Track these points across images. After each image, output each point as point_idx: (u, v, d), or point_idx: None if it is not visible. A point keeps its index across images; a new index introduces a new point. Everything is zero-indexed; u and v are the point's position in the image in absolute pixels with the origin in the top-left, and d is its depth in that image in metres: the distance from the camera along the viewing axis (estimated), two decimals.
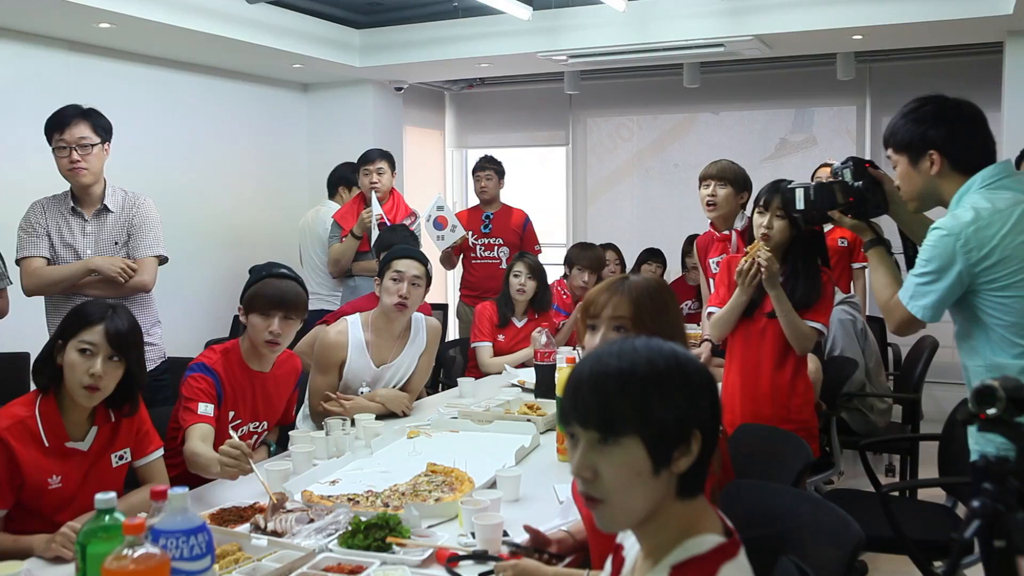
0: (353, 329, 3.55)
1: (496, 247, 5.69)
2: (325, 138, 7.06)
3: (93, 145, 3.54)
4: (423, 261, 3.61)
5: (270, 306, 2.95)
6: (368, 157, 5.22)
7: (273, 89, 6.87)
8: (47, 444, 2.35)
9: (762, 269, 3.04)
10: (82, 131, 3.52)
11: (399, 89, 7.22)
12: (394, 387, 3.61)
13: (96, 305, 2.48)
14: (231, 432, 2.92)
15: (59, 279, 3.53)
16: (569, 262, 5.30)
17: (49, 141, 3.56)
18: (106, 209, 3.62)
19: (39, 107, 3.86)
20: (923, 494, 3.62)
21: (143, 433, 2.57)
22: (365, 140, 6.44)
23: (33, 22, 4.93)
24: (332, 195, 5.75)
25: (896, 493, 3.59)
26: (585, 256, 5.25)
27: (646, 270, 6.30)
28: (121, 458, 2.51)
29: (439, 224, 5.39)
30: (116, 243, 3.61)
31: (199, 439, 2.74)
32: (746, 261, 3.11)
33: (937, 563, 2.93)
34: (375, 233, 4.92)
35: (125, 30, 5.06)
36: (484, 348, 4.68)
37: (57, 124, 3.53)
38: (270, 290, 2.97)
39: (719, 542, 1.35)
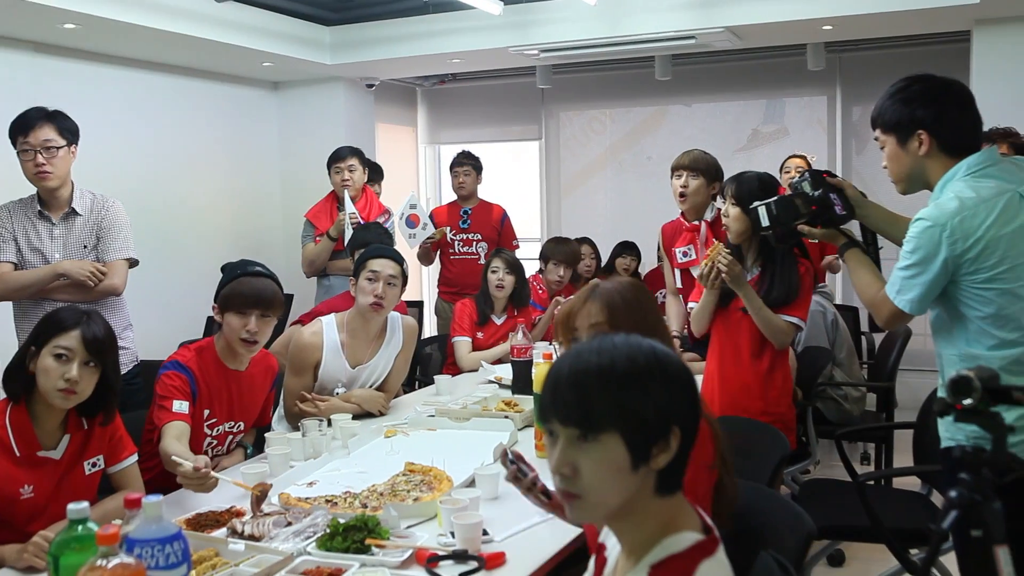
0: (328, 330, 3.53)
1: (474, 243, 5.67)
2: (296, 137, 7.02)
3: (59, 148, 3.48)
4: (399, 260, 3.58)
5: (247, 304, 2.91)
6: (339, 155, 5.19)
7: (243, 88, 6.81)
8: (18, 454, 2.32)
9: (722, 274, 3.06)
10: (47, 134, 3.46)
11: (370, 86, 7.18)
12: (370, 387, 3.59)
13: (70, 311, 2.45)
14: (206, 430, 2.89)
15: (27, 284, 3.48)
16: (544, 257, 5.29)
17: (14, 144, 3.51)
18: (74, 212, 3.57)
19: (4, 110, 3.80)
20: (898, 482, 3.65)
21: (116, 439, 2.54)
22: (337, 138, 6.41)
23: None
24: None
25: (871, 482, 3.62)
26: (560, 251, 5.25)
27: (620, 264, 6.31)
28: (94, 465, 2.48)
29: (411, 222, 5.37)
30: (85, 246, 3.56)
31: (174, 438, 2.71)
32: (706, 265, 3.13)
33: (913, 550, 2.96)
34: (349, 233, 4.90)
35: (91, 31, 4.99)
36: (462, 343, 4.67)
37: (21, 127, 3.47)
38: (246, 288, 2.94)
39: (697, 539, 1.35)
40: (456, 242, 5.69)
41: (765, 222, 2.84)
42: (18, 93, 4.95)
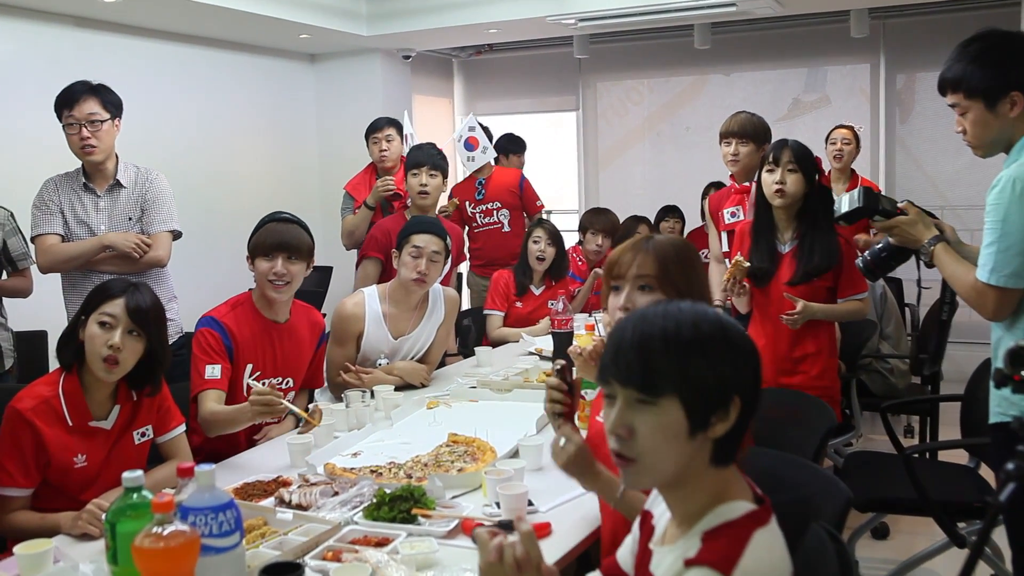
0: (370, 301, 3.54)
1: (495, 211, 5.56)
2: (333, 109, 7.02)
3: (103, 121, 3.52)
4: (442, 235, 3.57)
5: (272, 247, 2.99)
6: (376, 125, 5.17)
7: (280, 60, 6.82)
8: (71, 423, 2.36)
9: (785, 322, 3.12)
10: (92, 107, 3.50)
11: (407, 58, 7.15)
12: (412, 359, 3.60)
13: (119, 281, 2.50)
14: (253, 383, 2.90)
15: (73, 255, 3.52)
16: (583, 227, 5.26)
17: (59, 118, 3.54)
18: (119, 185, 3.60)
19: (47, 84, 3.84)
20: (943, 455, 3.61)
21: (164, 410, 2.57)
22: (374, 110, 6.39)
23: None
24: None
25: (915, 455, 3.58)
26: (599, 220, 5.21)
27: (665, 227, 6.26)
28: (143, 435, 2.51)
29: (470, 144, 5.32)
30: (130, 219, 3.60)
31: (213, 401, 2.81)
32: (727, 280, 3.16)
33: (960, 524, 2.93)
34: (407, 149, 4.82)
35: (131, 4, 5.02)
36: (494, 317, 4.67)
37: (66, 101, 3.51)
38: (272, 232, 3.04)
39: (751, 508, 1.34)
40: (477, 214, 5.58)
41: (847, 207, 2.74)
42: (60, 67, 5.00)
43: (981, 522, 3.01)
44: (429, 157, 4.46)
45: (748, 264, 3.18)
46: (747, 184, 4.02)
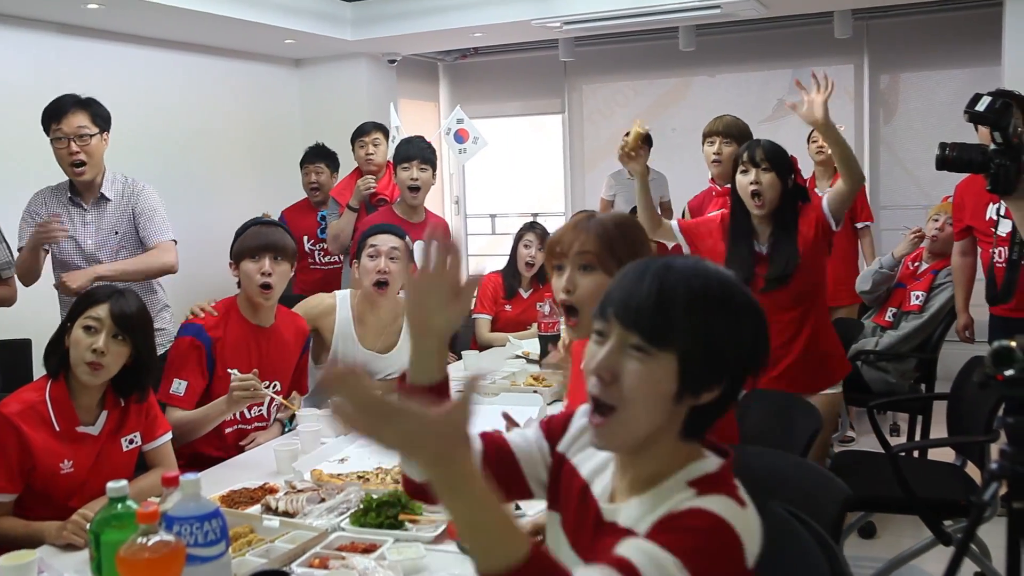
0: (341, 305, 3.49)
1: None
2: (319, 113, 7.00)
3: (92, 135, 3.50)
4: (400, 234, 3.51)
5: (258, 249, 3.01)
6: (363, 129, 5.15)
7: (265, 65, 6.80)
8: (58, 428, 2.35)
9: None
10: (81, 120, 3.47)
11: (392, 62, 7.15)
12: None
13: (105, 287, 2.52)
14: (232, 373, 2.89)
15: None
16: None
17: (46, 131, 3.51)
18: (104, 198, 3.59)
19: (30, 91, 3.83)
20: (932, 454, 3.63)
21: (151, 417, 2.57)
22: (359, 114, 6.37)
23: (22, 5, 4.86)
24: None
25: (904, 453, 3.59)
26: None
27: None
28: (131, 442, 2.50)
29: (460, 137, 5.28)
30: (116, 232, 3.58)
31: (178, 411, 2.85)
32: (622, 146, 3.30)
33: (947, 522, 2.94)
34: (392, 150, 4.71)
35: (114, 11, 4.99)
36: (482, 321, 4.67)
37: (55, 114, 3.48)
38: (257, 235, 3.06)
39: (722, 462, 1.26)
40: (316, 252, 5.29)
41: (983, 107, 2.76)
42: (43, 74, 4.98)
43: (967, 520, 3.03)
44: (419, 151, 4.43)
45: (647, 131, 3.12)
46: (727, 186, 4.01)
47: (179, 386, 2.87)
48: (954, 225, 4.17)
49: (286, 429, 3.14)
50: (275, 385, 3.09)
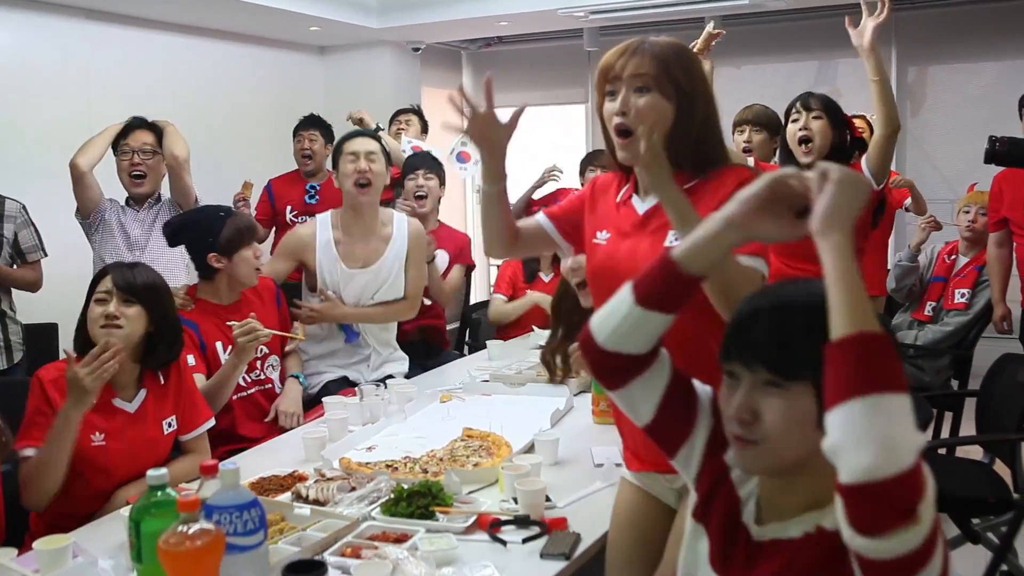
0: (322, 228, 3.48)
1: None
2: (343, 101, 6.97)
3: (155, 152, 3.82)
4: (376, 137, 3.56)
5: (253, 236, 3.15)
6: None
7: (290, 53, 6.81)
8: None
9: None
10: (146, 138, 3.82)
11: (416, 50, 7.14)
12: (375, 296, 3.48)
13: (113, 263, 2.56)
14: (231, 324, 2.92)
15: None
16: (583, 170, 5.03)
17: (115, 152, 3.83)
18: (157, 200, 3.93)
19: (56, 77, 3.84)
20: (961, 451, 3.60)
21: (190, 404, 2.57)
22: (383, 102, 6.38)
23: None
24: None
25: (936, 450, 3.57)
26: (600, 157, 4.92)
27: None
28: (170, 425, 2.51)
29: (462, 158, 5.32)
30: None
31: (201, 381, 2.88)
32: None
33: (975, 520, 2.92)
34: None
35: None
36: (496, 300, 4.67)
37: (123, 133, 3.83)
38: (242, 224, 3.14)
39: None
40: (298, 223, 5.04)
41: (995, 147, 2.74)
42: (70, 60, 5.00)
43: (995, 518, 3.01)
44: (425, 161, 4.46)
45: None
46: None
47: (190, 359, 2.90)
48: (989, 216, 4.12)
49: (301, 381, 3.24)
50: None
